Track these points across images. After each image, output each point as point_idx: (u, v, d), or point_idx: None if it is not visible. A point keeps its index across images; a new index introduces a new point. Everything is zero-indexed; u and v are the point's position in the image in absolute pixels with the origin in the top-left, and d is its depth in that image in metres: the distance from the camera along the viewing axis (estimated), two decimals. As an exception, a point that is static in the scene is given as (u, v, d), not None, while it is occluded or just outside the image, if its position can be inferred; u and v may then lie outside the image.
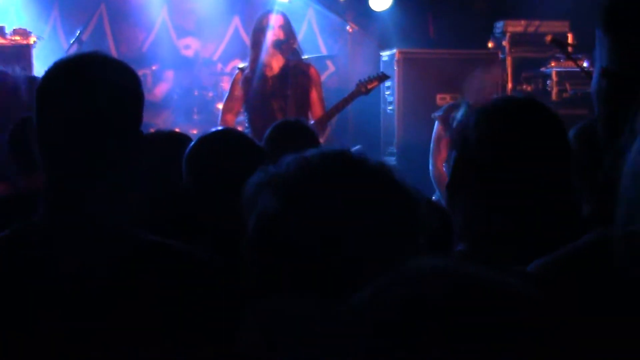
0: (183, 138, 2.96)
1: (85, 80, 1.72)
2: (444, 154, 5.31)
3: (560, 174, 1.77)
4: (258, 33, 5.72)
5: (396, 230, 1.31)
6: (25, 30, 7.01)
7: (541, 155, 1.75)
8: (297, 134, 3.62)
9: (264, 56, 5.67)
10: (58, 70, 1.76)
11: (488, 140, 1.77)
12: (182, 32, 8.63)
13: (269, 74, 5.70)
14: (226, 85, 7.31)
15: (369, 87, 5.82)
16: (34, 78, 4.28)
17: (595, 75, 1.38)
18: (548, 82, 7.17)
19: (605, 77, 1.30)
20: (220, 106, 6.16)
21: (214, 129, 2.73)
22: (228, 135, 2.73)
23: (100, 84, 1.72)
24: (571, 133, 2.35)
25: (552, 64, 7.11)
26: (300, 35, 8.58)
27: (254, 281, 1.35)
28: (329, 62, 9.00)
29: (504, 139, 1.76)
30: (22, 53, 6.58)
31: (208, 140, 2.58)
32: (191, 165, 2.52)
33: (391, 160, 7.78)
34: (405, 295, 0.79)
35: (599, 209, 1.80)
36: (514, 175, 1.74)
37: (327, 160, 1.35)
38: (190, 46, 8.45)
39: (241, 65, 5.93)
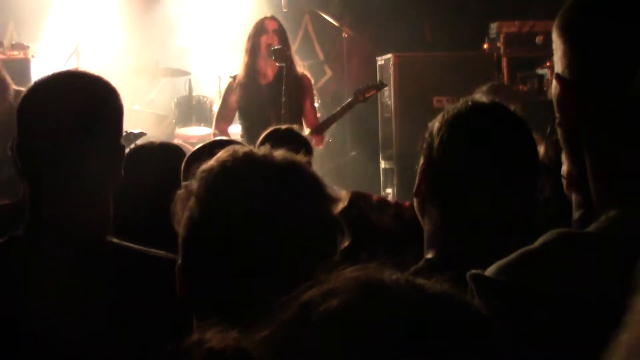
0: (175, 149, 3.00)
1: (62, 95, 1.79)
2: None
3: (523, 180, 1.74)
4: (252, 39, 5.74)
5: (308, 229, 1.30)
6: (22, 44, 7.07)
7: (502, 162, 1.72)
8: (288, 142, 3.65)
9: (258, 62, 5.70)
10: (37, 86, 1.83)
11: (447, 147, 1.74)
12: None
13: (263, 81, 5.73)
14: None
15: (367, 95, 5.84)
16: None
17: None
18: (544, 81, 7.19)
19: (559, 83, 1.31)
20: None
21: (209, 141, 2.74)
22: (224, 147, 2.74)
23: (76, 98, 1.79)
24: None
25: (547, 64, 7.14)
26: (297, 41, 8.64)
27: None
28: (326, 67, 9.03)
29: (461, 145, 1.73)
30: (20, 67, 6.61)
31: (203, 153, 2.60)
32: (187, 177, 2.54)
33: (390, 164, 7.81)
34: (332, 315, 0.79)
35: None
36: (475, 183, 1.71)
37: (236, 162, 1.35)
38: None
39: (233, 73, 5.95)
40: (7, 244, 1.77)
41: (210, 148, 2.62)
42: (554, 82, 1.34)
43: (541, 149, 1.96)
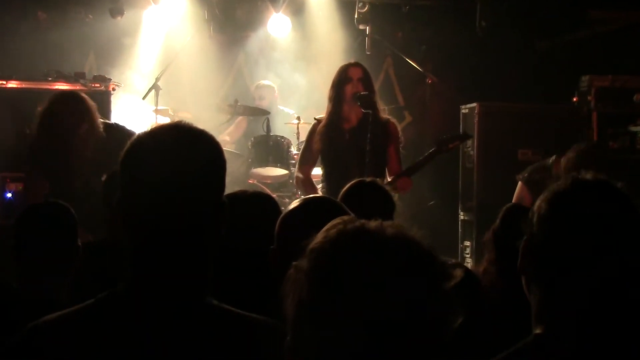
0: (269, 202, 2.86)
1: (168, 152, 1.75)
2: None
3: (633, 262, 1.70)
4: (336, 87, 5.61)
5: (422, 308, 1.30)
6: (104, 76, 7.11)
7: (607, 243, 1.69)
8: (371, 194, 3.54)
9: (342, 109, 5.56)
10: (141, 142, 1.77)
11: (548, 227, 1.73)
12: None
13: (347, 126, 5.59)
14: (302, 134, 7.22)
15: (451, 146, 5.61)
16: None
17: None
18: (636, 139, 6.88)
19: None
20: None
21: (303, 199, 2.58)
22: (323, 204, 2.58)
23: (182, 155, 1.75)
24: None
25: (640, 121, 6.85)
26: (378, 84, 8.51)
27: None
28: (406, 113, 8.86)
29: (563, 226, 1.72)
30: (101, 99, 6.58)
31: (301, 211, 2.44)
32: (282, 235, 2.40)
33: (470, 216, 7.56)
34: None
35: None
36: (583, 263, 1.70)
37: (347, 241, 1.35)
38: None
39: (318, 116, 5.82)
40: (109, 301, 1.73)
41: (307, 211, 2.45)
42: None
43: None
